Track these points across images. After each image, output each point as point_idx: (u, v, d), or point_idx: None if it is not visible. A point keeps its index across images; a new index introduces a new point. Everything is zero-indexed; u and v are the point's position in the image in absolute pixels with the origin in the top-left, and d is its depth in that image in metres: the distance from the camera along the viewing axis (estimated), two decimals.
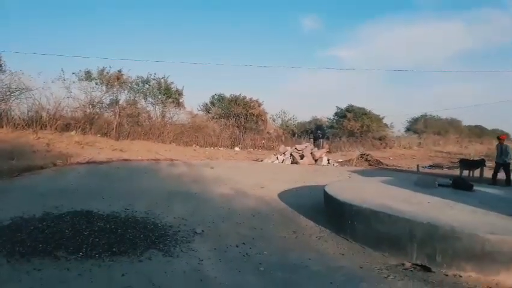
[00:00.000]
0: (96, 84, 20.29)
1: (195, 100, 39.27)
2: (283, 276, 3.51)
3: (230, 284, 3.26)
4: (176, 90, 23.66)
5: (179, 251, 3.92)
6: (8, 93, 17.15)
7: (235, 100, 27.19)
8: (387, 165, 16.59)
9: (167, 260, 3.68)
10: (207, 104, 28.53)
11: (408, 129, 37.35)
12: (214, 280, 3.31)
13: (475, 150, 25.65)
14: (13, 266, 3.22)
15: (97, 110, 20.23)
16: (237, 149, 22.38)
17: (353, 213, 4.69)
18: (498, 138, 11.17)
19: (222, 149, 21.70)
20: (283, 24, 57.70)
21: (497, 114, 66.01)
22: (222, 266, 3.67)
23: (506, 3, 52.43)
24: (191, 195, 7.10)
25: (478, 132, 40.93)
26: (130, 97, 22.39)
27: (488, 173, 11.32)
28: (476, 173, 11.74)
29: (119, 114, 19.71)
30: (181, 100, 23.98)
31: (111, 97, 21.11)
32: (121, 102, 21.59)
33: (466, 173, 11.79)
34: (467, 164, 12.41)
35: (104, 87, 20.49)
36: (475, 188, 6.23)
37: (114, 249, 3.70)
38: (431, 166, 16.60)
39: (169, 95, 23.09)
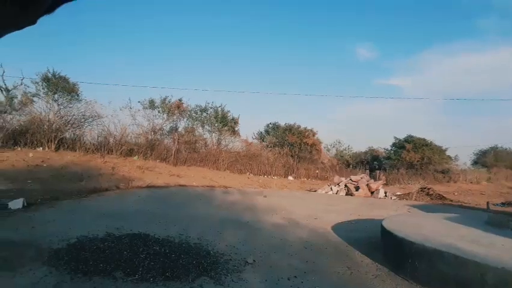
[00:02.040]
0: (158, 112, 21.68)
1: (250, 128, 40.13)
2: None
3: None
4: (232, 119, 24.41)
5: (230, 281, 3.88)
6: (83, 120, 18.94)
7: (289, 129, 27.32)
8: (451, 201, 15.33)
9: None
10: (261, 132, 29.02)
11: (475, 163, 34.42)
12: None
13: None
14: (76, 283, 3.41)
15: (158, 137, 21.43)
16: (290, 178, 22.20)
17: (414, 251, 4.35)
18: None
19: (275, 177, 21.67)
20: (339, 53, 57.28)
21: None
22: None
23: None
24: (243, 224, 7.11)
25: None
26: (188, 125, 23.58)
27: None
28: None
29: (177, 141, 20.66)
30: (236, 128, 24.66)
31: (171, 124, 22.37)
32: (179, 129, 22.78)
33: None
34: None
35: (165, 115, 21.80)
36: None
37: (168, 274, 3.77)
38: (503, 204, 15.00)
39: (225, 123, 23.86)
